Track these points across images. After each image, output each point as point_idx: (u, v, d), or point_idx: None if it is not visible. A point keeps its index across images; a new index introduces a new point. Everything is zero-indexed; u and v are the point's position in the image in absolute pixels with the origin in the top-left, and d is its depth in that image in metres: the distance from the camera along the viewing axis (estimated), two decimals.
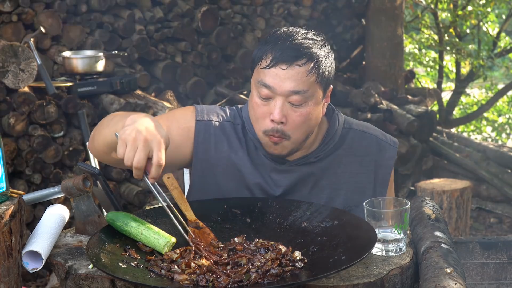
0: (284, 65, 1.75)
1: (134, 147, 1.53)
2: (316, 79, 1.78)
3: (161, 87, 4.94)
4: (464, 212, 4.57)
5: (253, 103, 1.83)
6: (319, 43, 1.81)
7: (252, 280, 1.43)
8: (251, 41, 5.39)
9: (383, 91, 5.91)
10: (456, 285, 1.35)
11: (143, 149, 1.52)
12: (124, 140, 1.54)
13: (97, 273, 1.51)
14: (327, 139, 1.92)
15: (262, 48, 1.81)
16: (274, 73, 1.76)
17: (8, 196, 1.57)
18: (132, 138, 1.53)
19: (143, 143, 1.52)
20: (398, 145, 2.00)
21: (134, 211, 2.47)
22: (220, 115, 1.95)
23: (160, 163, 1.54)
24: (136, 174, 1.55)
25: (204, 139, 1.91)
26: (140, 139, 1.53)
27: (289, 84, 1.75)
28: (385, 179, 1.96)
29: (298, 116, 1.78)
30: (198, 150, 1.91)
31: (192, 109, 1.95)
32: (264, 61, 1.79)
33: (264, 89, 1.78)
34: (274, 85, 1.76)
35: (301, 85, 1.76)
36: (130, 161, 1.53)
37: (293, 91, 1.76)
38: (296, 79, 1.75)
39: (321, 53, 1.79)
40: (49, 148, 4.00)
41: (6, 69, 3.77)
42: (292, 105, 1.78)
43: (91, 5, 4.59)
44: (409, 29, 7.36)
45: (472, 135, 8.23)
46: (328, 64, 1.81)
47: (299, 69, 1.76)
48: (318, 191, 1.91)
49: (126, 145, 1.54)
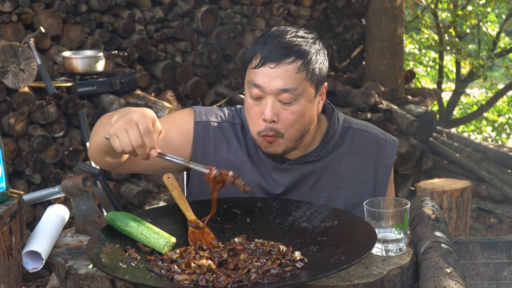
0: (272, 64, 1.76)
1: (124, 133, 1.57)
2: (305, 76, 1.77)
3: (161, 87, 4.94)
4: (464, 212, 4.57)
5: (246, 104, 1.84)
6: (309, 40, 1.80)
7: (252, 280, 1.43)
8: (251, 41, 5.39)
9: (383, 91, 5.91)
10: (456, 285, 1.35)
11: (133, 128, 1.57)
12: (114, 134, 1.59)
13: (97, 273, 1.51)
14: (327, 138, 1.92)
15: (252, 48, 1.82)
16: (263, 72, 1.76)
17: (8, 196, 1.57)
18: (118, 127, 1.58)
19: (129, 124, 1.57)
20: (398, 144, 2.00)
21: (134, 211, 2.47)
22: (218, 116, 1.96)
23: (148, 129, 1.57)
24: (141, 154, 1.59)
25: (203, 140, 1.91)
26: (125, 122, 1.57)
27: (278, 83, 1.75)
28: (385, 178, 1.96)
29: (290, 114, 1.78)
30: (197, 152, 1.91)
31: (190, 111, 1.96)
32: (254, 61, 1.79)
33: (255, 88, 1.78)
34: (263, 84, 1.76)
35: (290, 83, 1.76)
36: (129, 146, 1.58)
37: (282, 89, 1.76)
38: (285, 77, 1.75)
39: (311, 50, 1.79)
40: (49, 148, 4.00)
41: (6, 69, 3.77)
42: (282, 103, 1.78)
43: (91, 5, 4.59)
44: (409, 29, 7.36)
45: (472, 135, 8.23)
46: (319, 61, 1.81)
47: (287, 67, 1.75)
48: (319, 189, 1.92)
49: (117, 136, 1.58)
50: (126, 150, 1.58)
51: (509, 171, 5.68)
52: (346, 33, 6.18)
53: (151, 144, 1.58)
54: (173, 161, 1.66)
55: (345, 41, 6.23)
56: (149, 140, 1.58)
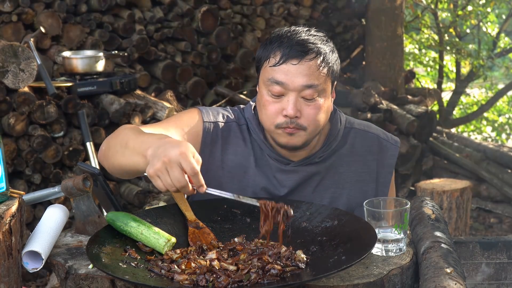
0: (294, 61, 1.77)
1: (166, 173, 1.51)
2: (327, 72, 1.81)
3: (161, 87, 4.94)
4: (464, 212, 4.57)
5: (264, 101, 1.83)
6: (323, 38, 1.84)
7: (252, 280, 1.43)
8: (251, 41, 5.39)
9: (383, 91, 5.91)
10: (456, 285, 1.35)
11: (173, 170, 1.50)
12: (155, 174, 1.52)
13: (97, 273, 1.51)
14: (330, 139, 1.93)
15: (267, 47, 1.82)
16: (286, 69, 1.78)
17: (8, 196, 1.57)
18: (159, 168, 1.51)
19: (169, 164, 1.50)
20: (399, 144, 2.01)
21: (134, 211, 2.47)
22: (225, 116, 1.96)
23: (194, 171, 1.51)
24: (186, 192, 1.54)
25: (211, 141, 1.91)
26: (166, 163, 1.50)
27: (301, 79, 1.77)
28: (387, 178, 1.97)
29: (312, 109, 1.80)
30: (204, 152, 1.90)
31: (197, 111, 1.95)
32: (272, 59, 1.80)
33: (276, 86, 1.79)
34: (286, 81, 1.78)
35: (313, 79, 1.78)
36: (173, 186, 1.52)
37: (306, 85, 1.77)
38: (308, 73, 1.77)
39: (326, 48, 1.82)
40: (49, 148, 4.00)
41: (6, 69, 3.76)
42: (305, 99, 1.79)
43: (91, 5, 4.59)
44: (409, 29, 7.36)
45: (472, 135, 8.23)
46: (334, 58, 1.85)
47: (310, 64, 1.78)
48: (322, 190, 1.92)
49: (159, 177, 1.52)
50: (170, 190, 1.54)
51: (509, 171, 5.67)
52: (346, 33, 6.18)
53: (199, 183, 1.54)
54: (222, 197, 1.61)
55: (345, 41, 6.23)
56: (197, 181, 1.53)
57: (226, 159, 1.91)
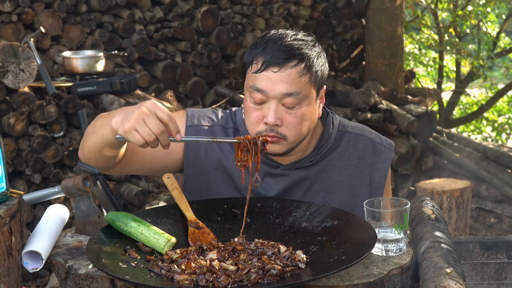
0: (275, 68, 1.73)
1: (143, 123, 1.56)
2: (309, 79, 1.76)
3: (161, 87, 4.94)
4: (464, 212, 4.57)
5: (247, 108, 1.80)
6: (309, 43, 1.79)
7: (252, 280, 1.43)
8: (251, 41, 5.39)
9: (383, 91, 5.91)
10: (456, 285, 1.35)
11: (151, 118, 1.56)
12: (132, 128, 1.57)
13: (97, 273, 1.51)
14: (321, 143, 1.90)
15: (252, 52, 1.79)
16: (266, 76, 1.74)
17: (8, 196, 1.57)
18: (136, 119, 1.56)
19: (145, 114, 1.56)
20: (394, 147, 1.97)
21: (134, 211, 2.47)
22: (211, 119, 1.94)
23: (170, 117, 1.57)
24: (163, 140, 1.58)
25: (194, 144, 1.90)
26: (140, 114, 1.56)
27: (282, 87, 1.73)
28: (380, 182, 1.94)
29: (293, 118, 1.76)
30: (188, 155, 1.90)
31: (182, 114, 1.94)
32: (255, 65, 1.76)
33: (257, 93, 1.75)
34: (266, 88, 1.74)
35: (293, 86, 1.73)
36: (151, 135, 1.56)
37: (286, 93, 1.73)
38: (289, 81, 1.73)
39: (312, 53, 1.77)
40: (49, 148, 4.00)
41: (6, 69, 3.77)
42: (286, 107, 1.76)
43: (91, 5, 4.59)
44: (409, 29, 7.36)
45: (472, 135, 8.23)
46: (320, 63, 1.79)
47: (290, 71, 1.73)
48: (312, 195, 1.89)
49: (136, 130, 1.56)
50: (148, 140, 1.56)
51: (509, 171, 5.68)
52: (346, 33, 6.18)
53: (177, 128, 1.59)
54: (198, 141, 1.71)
55: (345, 41, 6.23)
56: (174, 126, 1.58)
57: (212, 162, 1.90)
